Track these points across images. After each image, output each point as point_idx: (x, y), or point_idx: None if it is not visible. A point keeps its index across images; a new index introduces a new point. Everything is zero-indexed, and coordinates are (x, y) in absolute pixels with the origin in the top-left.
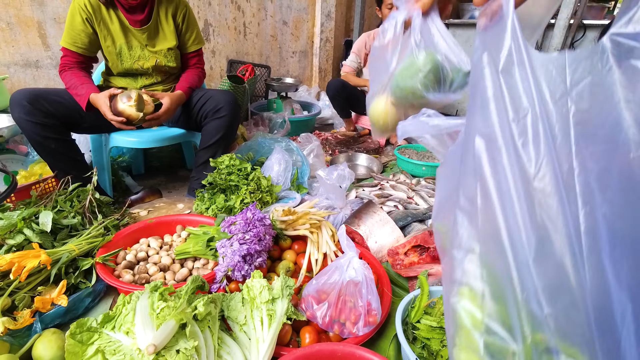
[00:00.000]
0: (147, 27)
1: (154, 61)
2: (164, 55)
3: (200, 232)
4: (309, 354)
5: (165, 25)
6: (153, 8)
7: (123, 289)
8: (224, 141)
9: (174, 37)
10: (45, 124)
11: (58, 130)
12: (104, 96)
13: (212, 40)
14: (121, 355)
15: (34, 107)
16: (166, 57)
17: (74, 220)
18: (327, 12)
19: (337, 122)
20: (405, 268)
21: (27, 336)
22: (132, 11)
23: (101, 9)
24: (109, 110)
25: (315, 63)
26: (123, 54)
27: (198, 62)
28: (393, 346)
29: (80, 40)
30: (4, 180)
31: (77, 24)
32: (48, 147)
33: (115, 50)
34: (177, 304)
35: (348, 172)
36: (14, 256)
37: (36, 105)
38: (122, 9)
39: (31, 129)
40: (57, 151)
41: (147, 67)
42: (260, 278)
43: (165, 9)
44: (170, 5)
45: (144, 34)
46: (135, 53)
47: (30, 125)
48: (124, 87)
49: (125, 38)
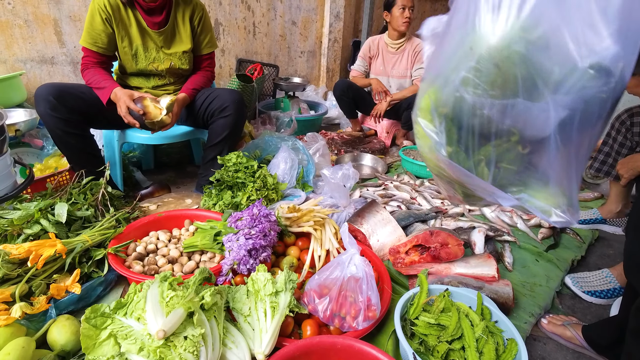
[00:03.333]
0: (164, 30)
1: (168, 63)
2: (179, 57)
3: (208, 226)
4: (309, 345)
5: (182, 28)
6: (171, 10)
7: (133, 278)
8: (230, 139)
9: (190, 40)
10: (68, 120)
11: (79, 126)
12: (124, 94)
13: (222, 40)
14: (132, 340)
15: (59, 102)
16: (180, 59)
17: (88, 212)
18: (336, 12)
19: (343, 122)
20: (405, 266)
21: (43, 321)
22: (150, 13)
23: (120, 10)
24: (126, 110)
25: (323, 63)
26: (139, 55)
27: (209, 66)
28: (391, 341)
29: (100, 40)
30: (21, 172)
31: (97, 24)
32: (68, 142)
33: (131, 52)
34: (186, 294)
35: (353, 172)
36: (31, 245)
37: (61, 100)
38: (140, 10)
39: (55, 124)
40: (77, 147)
41: (162, 69)
42: (264, 272)
43: (182, 11)
44: (188, 8)
45: (160, 36)
46: (151, 55)
47: (55, 121)
48: (138, 87)
49: (142, 39)
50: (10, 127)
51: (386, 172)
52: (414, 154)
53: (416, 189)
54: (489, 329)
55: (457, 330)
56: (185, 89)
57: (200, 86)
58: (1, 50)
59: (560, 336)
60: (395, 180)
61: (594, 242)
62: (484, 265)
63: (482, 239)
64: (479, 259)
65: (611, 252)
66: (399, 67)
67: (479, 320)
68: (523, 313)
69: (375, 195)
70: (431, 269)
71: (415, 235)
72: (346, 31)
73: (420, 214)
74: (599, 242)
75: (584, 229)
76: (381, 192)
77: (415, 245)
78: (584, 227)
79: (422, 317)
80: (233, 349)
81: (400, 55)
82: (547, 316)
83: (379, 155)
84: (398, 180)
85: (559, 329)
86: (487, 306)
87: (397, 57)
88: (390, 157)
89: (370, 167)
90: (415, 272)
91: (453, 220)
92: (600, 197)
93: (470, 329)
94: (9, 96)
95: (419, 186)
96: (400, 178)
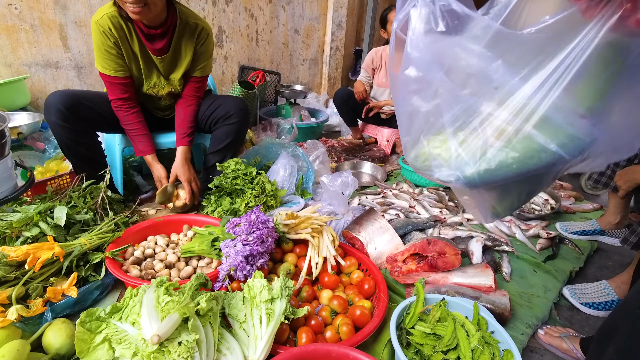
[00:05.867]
0: (165, 57)
1: (169, 89)
2: (177, 81)
3: (206, 232)
4: (304, 352)
5: (184, 54)
6: (173, 37)
7: (130, 283)
8: (233, 146)
9: (188, 66)
10: (78, 130)
11: (89, 134)
12: (157, 169)
13: (225, 47)
14: (127, 344)
15: (70, 112)
16: (179, 82)
17: (87, 216)
18: (338, 21)
19: (344, 130)
20: (402, 275)
21: (39, 324)
22: (151, 39)
23: (124, 31)
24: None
25: (324, 71)
26: (141, 79)
27: (198, 90)
28: (387, 350)
29: (119, 66)
30: (22, 175)
31: (111, 51)
32: (76, 151)
33: (135, 74)
34: (181, 299)
35: (352, 180)
36: (29, 247)
37: (72, 110)
38: (141, 35)
39: (65, 134)
40: (85, 155)
41: (162, 94)
42: (261, 278)
43: (187, 38)
44: (193, 34)
45: (161, 62)
46: (152, 81)
47: (65, 131)
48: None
49: (144, 64)
50: (13, 130)
51: (385, 180)
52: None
53: (415, 197)
54: (485, 340)
55: (453, 340)
56: (180, 140)
57: (192, 123)
58: (7, 54)
59: (557, 348)
60: (394, 188)
61: (593, 254)
62: (482, 275)
63: (479, 248)
64: (477, 268)
65: (610, 264)
66: None
67: (475, 331)
68: (520, 324)
69: (374, 203)
70: (428, 278)
71: (412, 244)
72: (348, 40)
73: (418, 222)
74: (598, 254)
75: (583, 240)
76: (380, 200)
77: (413, 254)
78: (583, 238)
79: (418, 326)
80: (227, 355)
81: None
82: (544, 327)
83: (379, 163)
84: (397, 189)
85: (556, 340)
86: (484, 316)
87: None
88: (389, 165)
89: (369, 175)
90: (412, 281)
91: (451, 230)
92: (600, 208)
93: (466, 339)
94: (13, 99)
95: (418, 195)
96: (399, 186)
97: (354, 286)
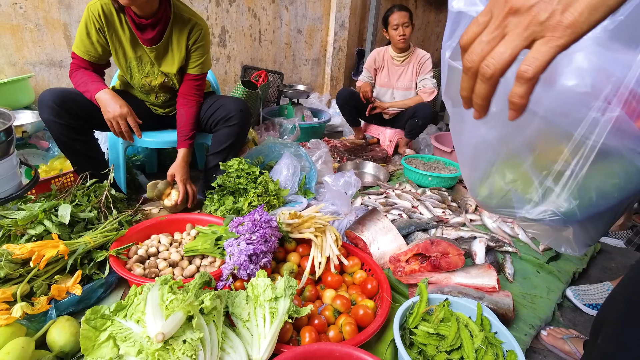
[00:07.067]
0: (156, 47)
1: (161, 79)
2: (174, 76)
3: (209, 231)
4: (308, 351)
5: (176, 48)
6: (165, 28)
7: (134, 281)
8: (234, 147)
9: (180, 62)
10: (72, 126)
11: (84, 131)
12: (109, 95)
13: (227, 46)
14: (131, 342)
15: (62, 108)
16: (176, 78)
17: (91, 214)
18: (341, 22)
19: (346, 130)
20: (405, 275)
21: (43, 322)
22: (141, 29)
23: (114, 18)
24: (105, 111)
25: (327, 71)
26: (132, 68)
27: (198, 88)
28: (390, 350)
29: (93, 50)
30: (26, 173)
31: (91, 35)
32: (73, 148)
33: (125, 64)
34: (186, 297)
35: (354, 180)
36: (34, 245)
37: (64, 107)
38: (132, 24)
39: (59, 131)
40: (81, 151)
41: (154, 84)
42: (264, 277)
43: (179, 30)
44: (185, 27)
45: (153, 52)
46: (145, 69)
47: (59, 127)
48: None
49: (135, 53)
50: (18, 129)
51: (388, 180)
52: (416, 162)
53: (418, 197)
54: (489, 340)
55: (456, 340)
56: (181, 142)
57: (193, 125)
58: (11, 53)
59: (559, 349)
60: (397, 188)
61: (596, 255)
62: (485, 276)
63: (483, 249)
64: (480, 269)
65: (613, 265)
66: (404, 79)
67: (479, 331)
68: (523, 325)
69: (377, 204)
70: (431, 278)
71: (415, 244)
72: (351, 40)
73: (421, 222)
74: (601, 255)
75: None
76: (383, 200)
77: (416, 254)
78: None
79: (421, 326)
80: (231, 354)
81: (406, 68)
82: (548, 328)
83: (381, 164)
84: (400, 189)
85: (559, 342)
86: (487, 317)
87: (403, 69)
88: (392, 166)
89: (372, 175)
90: (415, 281)
91: (454, 230)
92: None
93: (469, 339)
94: (17, 98)
95: (421, 195)
96: (402, 186)
97: (357, 286)
